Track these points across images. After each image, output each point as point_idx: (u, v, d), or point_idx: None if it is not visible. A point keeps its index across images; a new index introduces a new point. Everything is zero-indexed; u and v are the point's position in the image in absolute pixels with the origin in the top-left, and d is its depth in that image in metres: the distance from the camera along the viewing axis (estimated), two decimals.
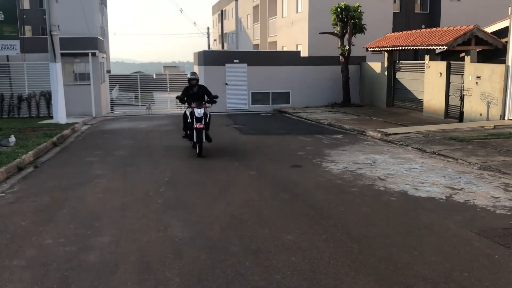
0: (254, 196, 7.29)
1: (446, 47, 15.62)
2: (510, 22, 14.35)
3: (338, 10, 20.83)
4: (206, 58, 21.72)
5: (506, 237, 5.38)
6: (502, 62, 14.43)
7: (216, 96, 11.09)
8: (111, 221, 6.19)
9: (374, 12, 24.73)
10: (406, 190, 7.47)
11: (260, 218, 6.17)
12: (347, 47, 20.99)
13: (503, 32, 15.62)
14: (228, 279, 4.42)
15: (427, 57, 17.36)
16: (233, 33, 49.07)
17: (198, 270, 4.63)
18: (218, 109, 18.35)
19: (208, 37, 55.31)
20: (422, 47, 17.22)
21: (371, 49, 20.80)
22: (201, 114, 10.48)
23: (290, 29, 29.06)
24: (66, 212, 6.62)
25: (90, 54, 20.09)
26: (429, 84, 17.23)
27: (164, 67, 58.48)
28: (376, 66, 21.38)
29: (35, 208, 6.80)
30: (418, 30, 19.26)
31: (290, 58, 22.46)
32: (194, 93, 11.01)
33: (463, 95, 15.28)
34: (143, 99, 23.56)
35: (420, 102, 18.16)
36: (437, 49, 16.86)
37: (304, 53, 25.29)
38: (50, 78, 17.20)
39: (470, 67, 15.19)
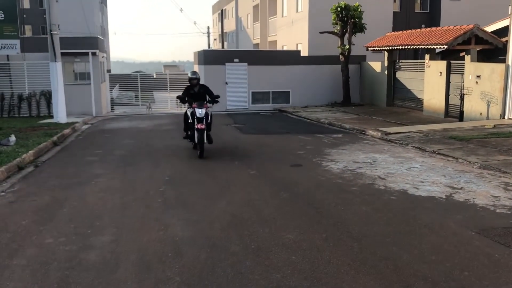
0: (254, 195, 7.30)
1: (446, 47, 15.62)
2: (510, 21, 14.34)
3: (338, 9, 20.83)
4: (206, 57, 21.72)
5: (506, 236, 5.39)
6: (502, 61, 14.42)
7: (217, 96, 10.85)
8: (112, 220, 6.20)
9: (374, 11, 24.73)
10: (406, 189, 7.47)
11: (260, 217, 6.18)
12: (347, 47, 20.98)
13: (503, 31, 15.62)
14: (228, 278, 4.43)
15: (427, 56, 17.36)
16: (233, 32, 49.07)
17: (198, 269, 4.64)
18: (218, 108, 18.33)
19: (208, 36, 55.33)
20: (422, 47, 17.22)
21: (371, 48, 20.80)
22: (202, 114, 10.19)
23: (290, 28, 29.06)
24: (67, 211, 6.62)
25: (90, 54, 20.08)
26: (429, 83, 17.23)
27: (164, 67, 58.50)
28: (376, 66, 21.38)
29: (36, 207, 6.81)
30: (418, 30, 19.25)
31: (290, 58, 22.44)
32: (195, 92, 10.75)
33: (463, 94, 15.28)
34: (143, 99, 23.57)
35: (420, 101, 18.16)
36: (437, 48, 16.86)
37: (304, 52, 25.29)
38: (50, 77, 17.20)
39: (470, 67, 15.19)
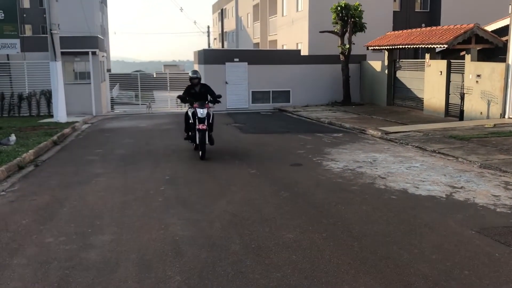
0: (254, 194, 7.30)
1: (446, 46, 15.62)
2: (510, 20, 14.33)
3: (339, 8, 20.84)
4: (206, 57, 21.71)
5: (506, 235, 5.38)
6: (503, 60, 14.42)
7: (219, 95, 10.61)
8: (112, 219, 6.20)
9: (374, 10, 24.72)
10: (406, 189, 7.47)
11: (260, 217, 6.18)
12: (348, 46, 20.98)
13: (504, 30, 15.61)
14: (228, 277, 4.43)
15: (427, 55, 17.36)
16: (233, 32, 49.06)
17: (198, 268, 4.64)
18: (218, 108, 18.24)
19: (208, 36, 55.31)
20: (423, 46, 17.21)
21: (371, 47, 20.79)
22: (203, 114, 9.92)
23: (291, 27, 29.05)
24: (67, 210, 6.62)
25: (90, 53, 20.09)
26: (429, 82, 17.23)
27: (164, 66, 58.51)
28: (376, 65, 21.38)
29: (36, 206, 6.81)
30: (418, 29, 19.24)
31: (291, 57, 22.44)
32: (196, 92, 10.51)
33: (464, 94, 15.28)
34: (144, 98, 23.59)
35: (420, 100, 18.16)
36: (437, 47, 16.85)
37: (304, 51, 25.28)
38: (50, 77, 17.20)
39: (471, 66, 15.18)
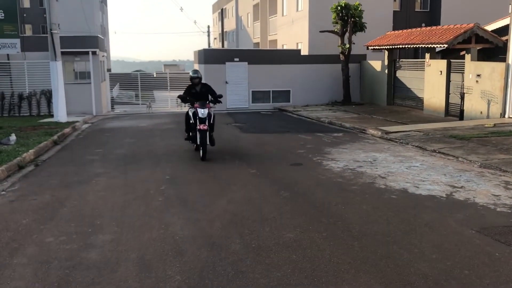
0: (254, 194, 7.30)
1: (446, 46, 15.61)
2: (510, 20, 14.33)
3: (339, 8, 20.84)
4: (207, 56, 21.72)
5: (506, 234, 5.38)
6: (503, 60, 14.41)
7: (220, 95, 10.48)
8: (112, 219, 6.20)
9: (375, 10, 24.72)
10: (406, 188, 7.47)
11: (260, 216, 6.18)
12: (348, 46, 20.98)
13: (504, 30, 15.61)
14: (229, 277, 4.43)
15: (428, 55, 17.35)
16: (233, 31, 49.06)
17: (199, 267, 4.64)
18: (218, 107, 18.23)
19: (208, 35, 55.28)
20: (423, 46, 17.21)
21: (372, 47, 20.79)
22: (204, 114, 9.80)
23: (291, 27, 29.04)
24: (67, 210, 6.63)
25: (90, 53, 20.10)
26: (429, 82, 17.22)
27: (164, 66, 58.47)
28: (376, 65, 21.38)
29: (36, 206, 6.81)
30: (419, 28, 19.24)
31: (291, 57, 22.45)
32: (197, 92, 10.38)
33: (464, 93, 15.28)
34: (144, 98, 23.60)
35: (420, 100, 18.16)
36: (437, 47, 16.85)
37: (304, 51, 25.28)
38: (50, 76, 17.21)
39: (471, 65, 15.18)
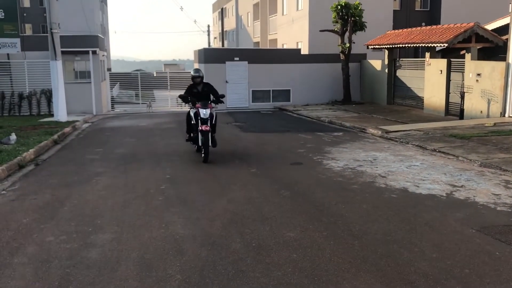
0: (255, 193, 7.30)
1: (446, 45, 15.62)
2: (510, 19, 14.33)
3: (339, 7, 20.84)
4: (207, 56, 21.71)
5: (507, 234, 5.39)
6: (503, 59, 14.42)
7: (222, 95, 10.25)
8: (112, 218, 6.20)
9: (375, 9, 24.72)
10: (406, 187, 7.48)
11: (261, 215, 6.18)
12: (348, 45, 20.98)
13: (504, 29, 15.61)
14: (229, 276, 4.43)
15: (428, 54, 17.35)
16: (233, 31, 49.05)
17: (199, 267, 4.64)
18: (218, 107, 18.29)
19: (208, 35, 55.26)
20: (423, 45, 17.21)
21: (372, 46, 20.79)
22: (206, 115, 9.57)
23: (291, 26, 29.03)
24: (67, 209, 6.63)
25: (90, 52, 20.09)
26: (429, 81, 17.22)
27: (164, 65, 58.47)
28: (376, 64, 21.38)
29: (36, 205, 6.81)
30: (419, 28, 19.24)
31: (291, 56, 22.44)
32: (198, 91, 10.12)
33: (464, 93, 15.28)
34: (144, 97, 23.60)
35: (420, 99, 18.16)
36: (437, 46, 16.85)
37: (304, 50, 25.28)
38: (50, 76, 17.20)
39: (471, 65, 15.18)
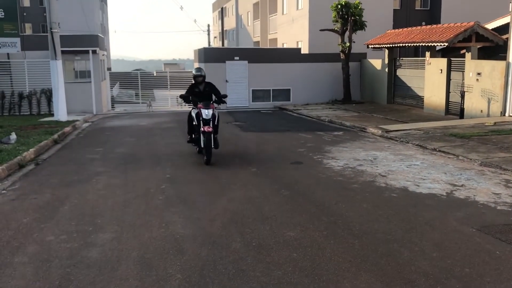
0: (255, 192, 7.30)
1: (446, 44, 15.62)
2: (510, 18, 14.33)
3: (339, 7, 20.84)
4: (207, 55, 21.71)
5: (507, 233, 5.39)
6: (503, 58, 14.42)
7: (224, 95, 10.02)
8: (113, 217, 6.20)
9: (375, 9, 24.72)
10: (407, 187, 7.48)
11: (261, 215, 6.18)
12: (348, 44, 20.97)
13: (504, 28, 15.61)
14: (229, 275, 4.43)
15: (428, 54, 17.35)
16: (233, 30, 49.03)
17: (199, 266, 4.64)
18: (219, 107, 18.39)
19: (208, 34, 55.21)
20: (423, 44, 17.21)
21: (372, 46, 20.79)
22: (209, 115, 9.28)
23: (291, 26, 29.03)
24: (68, 209, 6.63)
25: (90, 52, 20.08)
26: (429, 81, 17.22)
27: (164, 65, 58.55)
28: (376, 63, 21.37)
29: (37, 205, 6.81)
30: (419, 27, 19.23)
31: (291, 55, 22.44)
32: (200, 91, 9.87)
33: (464, 92, 15.28)
34: (144, 97, 23.59)
35: (420, 99, 18.16)
36: (437, 46, 16.85)
37: (304, 50, 25.28)
38: (50, 75, 17.19)
39: (471, 64, 15.17)
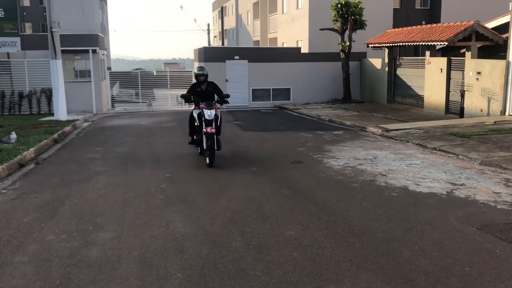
0: (255, 192, 7.30)
1: (446, 43, 15.61)
2: (510, 17, 14.32)
3: (339, 6, 20.83)
4: (207, 54, 21.70)
5: (507, 232, 5.39)
6: (503, 57, 14.41)
7: (227, 95, 9.63)
8: (113, 217, 6.20)
9: (375, 8, 24.70)
10: (407, 186, 7.48)
11: (261, 214, 6.18)
12: (348, 43, 20.97)
13: (504, 27, 15.60)
14: (230, 274, 4.43)
15: (428, 53, 17.34)
16: (233, 29, 49.01)
17: (200, 265, 4.65)
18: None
19: (208, 33, 55.22)
20: (423, 43, 17.20)
21: (372, 45, 20.78)
22: (211, 116, 8.98)
23: (291, 25, 29.02)
24: (68, 208, 6.63)
25: (90, 51, 20.08)
26: (429, 80, 17.22)
27: (164, 64, 58.55)
28: (376, 62, 21.37)
29: (37, 204, 6.81)
30: (419, 26, 19.23)
31: (291, 55, 22.44)
32: (202, 91, 9.55)
33: (464, 91, 15.27)
34: (144, 96, 23.60)
35: (420, 98, 18.15)
36: (437, 45, 16.84)
37: (304, 49, 25.27)
38: (50, 75, 17.18)
39: (471, 63, 15.17)
